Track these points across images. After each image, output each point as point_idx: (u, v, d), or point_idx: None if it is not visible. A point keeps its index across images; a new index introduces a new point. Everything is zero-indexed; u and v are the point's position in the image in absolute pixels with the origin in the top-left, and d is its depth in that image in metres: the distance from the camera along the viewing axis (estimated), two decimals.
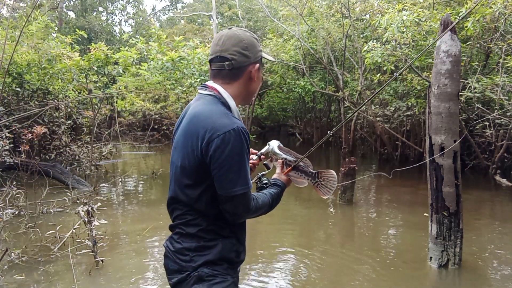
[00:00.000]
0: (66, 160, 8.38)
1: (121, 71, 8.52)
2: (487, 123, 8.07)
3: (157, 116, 15.04)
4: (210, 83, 1.46)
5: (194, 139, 1.34)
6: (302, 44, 12.59)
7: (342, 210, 6.24)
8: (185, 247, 1.41)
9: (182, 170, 1.39)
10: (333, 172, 1.71)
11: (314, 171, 1.70)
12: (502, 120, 7.91)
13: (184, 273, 1.40)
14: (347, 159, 6.48)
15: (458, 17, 7.12)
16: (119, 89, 9.02)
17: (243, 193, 1.33)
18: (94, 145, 9.06)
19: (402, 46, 7.66)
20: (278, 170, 1.68)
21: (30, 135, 6.03)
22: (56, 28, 15.41)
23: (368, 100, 4.39)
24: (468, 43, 7.82)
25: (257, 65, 1.45)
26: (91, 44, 8.65)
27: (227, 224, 1.43)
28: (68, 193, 5.59)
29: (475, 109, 7.97)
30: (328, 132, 1.83)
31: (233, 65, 1.41)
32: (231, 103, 1.42)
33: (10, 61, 6.80)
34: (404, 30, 7.42)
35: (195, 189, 1.37)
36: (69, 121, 8.76)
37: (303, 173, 1.70)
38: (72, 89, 9.17)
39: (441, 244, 3.76)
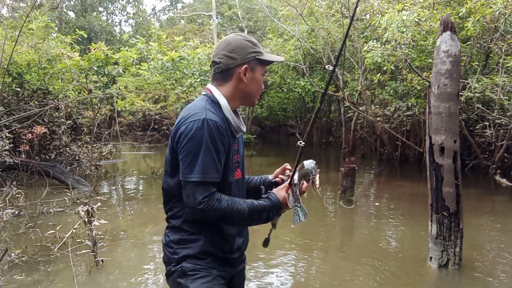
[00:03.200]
0: (66, 160, 8.39)
1: (121, 71, 8.53)
2: (487, 123, 8.07)
3: (157, 116, 15.03)
4: (209, 85, 1.55)
5: (173, 129, 1.44)
6: (302, 44, 12.59)
7: (342, 210, 6.24)
8: (171, 240, 1.47)
9: (166, 159, 1.48)
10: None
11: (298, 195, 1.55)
12: (502, 120, 7.91)
13: (171, 265, 1.47)
14: (347, 159, 6.49)
15: (458, 17, 7.13)
16: (119, 89, 9.03)
17: (196, 182, 1.32)
18: (94, 145, 9.06)
19: (402, 46, 7.66)
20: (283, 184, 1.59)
21: (30, 135, 6.02)
22: (56, 28, 15.40)
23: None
24: (468, 43, 7.82)
25: (245, 66, 1.46)
26: (91, 44, 8.66)
27: None
28: (68, 193, 5.59)
29: (475, 109, 7.97)
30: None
31: (221, 68, 1.48)
32: (222, 101, 1.46)
33: (9, 61, 6.80)
34: (404, 30, 7.43)
35: (172, 177, 1.44)
36: (69, 121, 8.77)
37: (293, 193, 1.53)
38: (72, 89, 9.18)
39: (441, 244, 3.75)
